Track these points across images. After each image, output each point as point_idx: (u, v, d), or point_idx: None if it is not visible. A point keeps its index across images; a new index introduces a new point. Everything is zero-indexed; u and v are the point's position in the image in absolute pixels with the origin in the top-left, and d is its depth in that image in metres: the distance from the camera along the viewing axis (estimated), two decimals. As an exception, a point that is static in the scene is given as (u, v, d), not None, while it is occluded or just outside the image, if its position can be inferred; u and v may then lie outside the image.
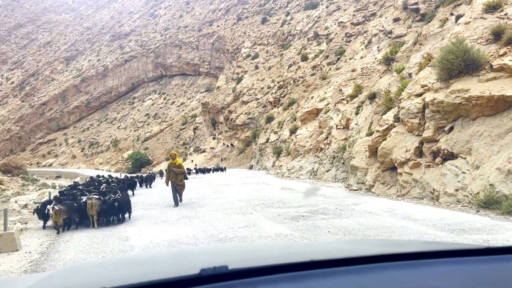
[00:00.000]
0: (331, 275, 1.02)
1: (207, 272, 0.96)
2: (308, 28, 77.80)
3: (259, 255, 1.28)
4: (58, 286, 1.10)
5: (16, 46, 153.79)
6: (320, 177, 21.89)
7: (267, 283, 0.96)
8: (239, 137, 60.60)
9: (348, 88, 27.19)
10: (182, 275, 0.97)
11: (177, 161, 13.25)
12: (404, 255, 1.20)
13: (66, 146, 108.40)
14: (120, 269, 1.20)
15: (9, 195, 33.19)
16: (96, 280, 1.04)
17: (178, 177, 12.91)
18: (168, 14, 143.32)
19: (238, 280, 0.97)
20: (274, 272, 1.01)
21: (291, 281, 0.97)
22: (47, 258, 6.61)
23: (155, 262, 1.23)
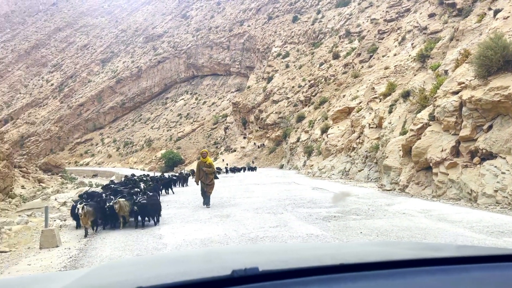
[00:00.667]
0: (361, 279, 1.00)
1: (238, 273, 0.97)
2: (339, 25, 76.84)
3: (290, 256, 1.28)
4: (95, 284, 1.13)
5: (55, 49, 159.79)
6: (352, 177, 21.58)
7: (297, 285, 0.96)
8: (270, 137, 60.58)
9: (381, 86, 26.67)
10: (214, 276, 0.98)
11: (208, 160, 12.63)
12: (437, 260, 1.17)
13: (102, 146, 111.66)
14: (154, 268, 1.23)
15: (49, 193, 34.56)
16: (132, 279, 1.06)
17: (208, 177, 12.33)
18: (199, 15, 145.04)
19: (269, 282, 0.97)
20: (305, 275, 1.00)
21: (321, 284, 0.96)
22: (85, 255, 6.85)
23: (187, 261, 1.26)
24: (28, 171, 47.12)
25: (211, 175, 12.42)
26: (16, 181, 37.27)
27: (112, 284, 1.05)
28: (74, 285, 1.15)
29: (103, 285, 1.08)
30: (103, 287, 1.05)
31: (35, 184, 41.57)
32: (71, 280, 1.19)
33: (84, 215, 8.77)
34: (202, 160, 12.57)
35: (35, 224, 14.13)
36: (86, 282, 1.16)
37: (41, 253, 7.43)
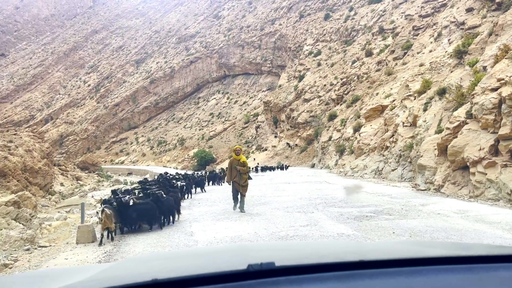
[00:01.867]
0: (381, 276, 0.99)
1: (254, 267, 0.97)
2: (372, 22, 75.46)
3: (309, 252, 1.27)
4: (113, 276, 1.15)
5: (92, 51, 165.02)
6: (385, 176, 21.16)
7: (313, 281, 0.95)
8: (301, 136, 60.26)
9: (416, 83, 26.00)
10: (229, 270, 0.99)
11: (241, 158, 11.19)
12: (463, 258, 1.13)
13: (137, 145, 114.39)
14: (174, 262, 1.25)
15: (86, 190, 35.74)
16: (150, 272, 1.07)
17: (242, 177, 10.93)
18: (231, 14, 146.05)
19: (284, 276, 0.97)
20: (322, 271, 1.00)
21: (339, 280, 0.96)
22: (119, 250, 7.05)
23: (207, 256, 1.28)
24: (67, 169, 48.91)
25: (245, 175, 11.07)
26: (55, 179, 38.78)
27: (129, 276, 1.06)
28: (95, 277, 1.16)
29: (121, 277, 1.10)
30: (120, 278, 1.06)
31: (73, 182, 43.13)
32: (95, 273, 1.22)
33: (106, 218, 7.83)
34: (235, 158, 11.17)
35: (73, 220, 14.67)
36: (106, 274, 1.19)
37: (78, 248, 7.72)
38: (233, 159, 11.27)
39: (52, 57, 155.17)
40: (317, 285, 0.94)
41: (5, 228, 14.93)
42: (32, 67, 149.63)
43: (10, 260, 8.91)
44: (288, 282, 0.95)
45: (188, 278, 0.96)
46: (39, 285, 1.14)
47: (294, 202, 12.38)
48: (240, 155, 11.29)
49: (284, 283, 0.94)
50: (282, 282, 0.95)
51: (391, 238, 6.72)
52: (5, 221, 16.54)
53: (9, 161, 27.98)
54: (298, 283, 0.95)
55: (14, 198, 21.02)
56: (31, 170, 30.76)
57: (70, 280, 1.13)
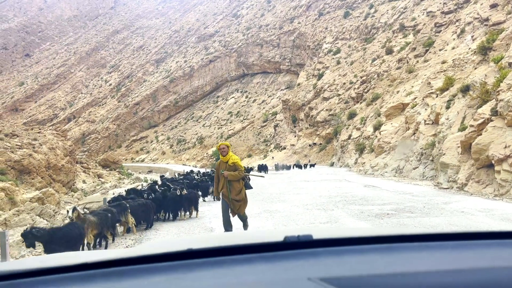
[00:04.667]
0: (423, 249, 0.98)
1: (291, 239, 0.96)
2: (393, 20, 74.39)
3: (343, 230, 1.26)
4: (146, 249, 1.15)
5: (113, 51, 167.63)
6: (406, 174, 20.84)
7: (352, 253, 0.94)
8: (320, 134, 59.90)
9: (438, 81, 25.51)
10: (265, 241, 0.98)
11: (230, 159, 7.30)
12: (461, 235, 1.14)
13: (157, 143, 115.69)
14: (208, 239, 1.26)
15: (107, 187, 36.33)
16: (184, 244, 1.06)
17: (234, 187, 7.26)
18: (250, 13, 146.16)
19: (323, 248, 0.95)
20: (359, 244, 0.99)
21: (380, 253, 0.94)
22: (140, 245, 7.13)
23: (241, 235, 1.27)
24: (89, 166, 49.82)
25: (237, 183, 7.28)
26: (78, 176, 39.56)
27: (164, 248, 1.06)
28: (129, 251, 1.18)
29: (156, 248, 1.10)
30: (155, 249, 1.06)
31: (95, 179, 43.89)
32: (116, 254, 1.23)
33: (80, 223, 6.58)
34: (222, 160, 7.40)
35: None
36: (141, 248, 1.21)
37: (100, 242, 7.84)
38: (219, 162, 7.53)
39: (75, 57, 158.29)
40: (357, 256, 0.93)
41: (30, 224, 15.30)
42: (55, 67, 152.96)
43: (34, 255, 9.13)
44: (327, 253, 0.94)
45: (223, 248, 0.95)
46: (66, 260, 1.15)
47: (314, 199, 12.31)
48: (229, 155, 7.36)
49: (323, 254, 0.93)
50: (320, 253, 0.93)
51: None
52: (30, 216, 16.95)
53: (34, 158, 28.66)
54: (338, 254, 0.93)
55: (38, 194, 21.53)
56: (54, 167, 31.44)
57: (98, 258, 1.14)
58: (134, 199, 9.23)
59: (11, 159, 26.73)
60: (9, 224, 16.05)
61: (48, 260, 1.25)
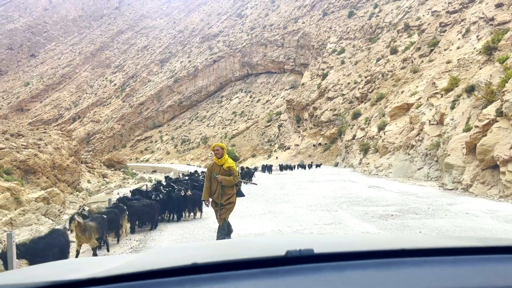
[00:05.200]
0: (421, 264, 0.97)
1: (293, 253, 0.97)
2: (398, 19, 74.17)
3: (345, 242, 1.26)
4: (153, 261, 1.15)
5: (118, 51, 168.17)
6: (411, 175, 20.78)
7: (354, 268, 0.94)
8: (324, 134, 59.82)
9: (443, 81, 25.41)
10: (268, 255, 0.98)
11: (226, 163, 6.75)
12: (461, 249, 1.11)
13: (161, 143, 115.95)
14: (212, 250, 1.26)
15: (112, 187, 36.46)
16: (189, 257, 1.08)
17: (226, 193, 6.69)
18: (254, 13, 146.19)
19: (325, 263, 0.96)
20: (361, 258, 0.99)
21: (379, 268, 0.94)
22: (145, 246, 7.17)
23: (244, 246, 1.28)
24: (94, 166, 50.01)
25: (230, 189, 6.77)
26: (83, 176, 39.73)
27: (169, 261, 1.06)
28: (135, 262, 1.18)
29: (161, 261, 1.10)
30: (160, 262, 1.07)
31: (99, 179, 44.06)
32: (125, 262, 1.23)
33: (80, 231, 6.28)
34: (216, 163, 6.78)
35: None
36: (146, 259, 1.19)
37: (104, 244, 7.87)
38: (213, 164, 6.87)
39: (80, 57, 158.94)
40: (359, 272, 0.92)
41: (35, 223, 15.42)
42: (60, 67, 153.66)
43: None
44: (329, 268, 0.93)
45: (227, 262, 0.96)
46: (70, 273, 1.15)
47: (318, 200, 12.30)
48: (224, 158, 6.77)
49: (325, 269, 0.93)
50: (323, 268, 0.93)
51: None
52: (35, 216, 17.06)
53: (39, 158, 28.82)
54: (340, 270, 0.93)
55: (43, 194, 21.65)
56: (59, 167, 31.60)
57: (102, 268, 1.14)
58: (139, 199, 9.26)
59: (16, 159, 26.91)
60: (15, 223, 16.17)
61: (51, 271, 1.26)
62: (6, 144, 27.99)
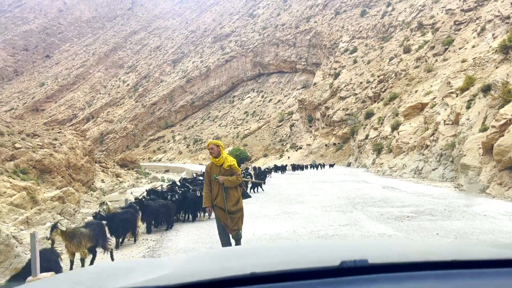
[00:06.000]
0: (482, 276, 0.96)
1: (348, 264, 0.97)
2: (411, 18, 73.46)
3: (397, 251, 1.25)
4: (206, 269, 1.13)
5: (131, 51, 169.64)
6: (426, 176, 20.57)
7: (412, 279, 0.93)
8: (336, 134, 59.53)
9: (458, 80, 25.10)
10: (323, 266, 0.98)
11: (226, 161, 5.88)
12: None
13: (174, 143, 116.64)
14: (267, 256, 1.24)
15: (125, 187, 36.80)
16: (243, 265, 1.08)
17: (231, 196, 5.86)
18: (266, 13, 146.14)
19: (380, 274, 0.95)
20: (416, 269, 0.97)
21: (439, 279, 0.93)
22: (161, 246, 7.23)
23: (295, 253, 1.27)
24: (107, 166, 50.55)
25: (234, 191, 5.92)
26: (97, 175, 40.18)
27: (226, 269, 1.05)
28: (183, 269, 1.17)
29: (216, 269, 1.09)
30: (217, 270, 1.06)
31: (113, 178, 44.51)
32: (178, 264, 1.23)
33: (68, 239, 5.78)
34: (214, 163, 5.93)
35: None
36: (197, 265, 1.19)
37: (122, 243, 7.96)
38: (211, 164, 6.02)
39: (93, 58, 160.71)
40: (416, 283, 0.91)
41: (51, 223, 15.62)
42: (74, 68, 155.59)
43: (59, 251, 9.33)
44: (385, 279, 0.93)
45: (284, 272, 0.96)
46: (119, 278, 1.14)
47: (332, 201, 12.26)
48: (222, 156, 5.88)
49: (381, 281, 0.92)
50: (378, 279, 0.93)
51: (435, 240, 6.53)
52: (51, 215, 17.30)
53: (54, 158, 29.23)
54: (396, 281, 0.92)
55: (59, 193, 21.94)
56: (74, 166, 32.01)
57: (152, 273, 1.12)
58: (154, 200, 9.35)
59: (32, 159, 27.33)
60: (31, 222, 16.42)
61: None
62: (23, 144, 28.46)
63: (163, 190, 12.08)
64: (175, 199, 9.54)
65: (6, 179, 21.98)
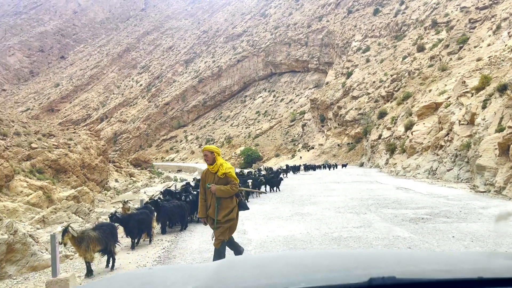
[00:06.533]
0: None
1: (377, 281, 0.99)
2: (425, 16, 72.67)
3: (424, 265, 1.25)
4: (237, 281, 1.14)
5: (144, 52, 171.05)
6: (440, 176, 20.34)
7: None
8: (349, 134, 59.20)
9: (473, 79, 24.76)
10: (352, 283, 1.01)
11: (220, 168, 5.38)
12: None
13: (186, 142, 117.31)
14: (296, 267, 1.25)
15: (139, 186, 37.12)
16: (278, 280, 1.09)
17: (224, 207, 5.37)
18: (278, 12, 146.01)
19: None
20: (443, 286, 1.00)
21: None
22: (176, 246, 7.29)
23: (322, 264, 1.28)
24: (121, 165, 51.05)
25: (229, 202, 5.43)
26: (111, 175, 40.63)
27: (256, 280, 1.08)
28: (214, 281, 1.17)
29: (248, 286, 1.10)
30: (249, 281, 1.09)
31: (127, 178, 44.95)
32: (206, 277, 1.22)
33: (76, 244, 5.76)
34: (210, 170, 5.49)
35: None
36: (226, 280, 1.17)
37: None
38: (206, 171, 5.58)
39: (107, 58, 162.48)
40: None
41: (66, 221, 15.88)
42: (88, 69, 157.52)
43: (71, 251, 9.47)
44: None
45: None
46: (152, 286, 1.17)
47: (345, 202, 12.21)
48: (217, 163, 5.40)
49: None
50: None
51: (451, 243, 6.47)
52: (66, 214, 17.56)
53: (69, 157, 29.63)
54: None
55: (74, 193, 22.26)
56: (88, 166, 32.41)
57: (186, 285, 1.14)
58: (169, 200, 9.44)
59: (48, 159, 27.76)
60: (47, 221, 16.70)
61: None
62: (39, 144, 28.93)
63: (177, 190, 12.16)
64: (189, 199, 9.61)
65: (23, 179, 22.37)
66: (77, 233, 5.61)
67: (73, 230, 5.61)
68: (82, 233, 5.83)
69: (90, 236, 5.84)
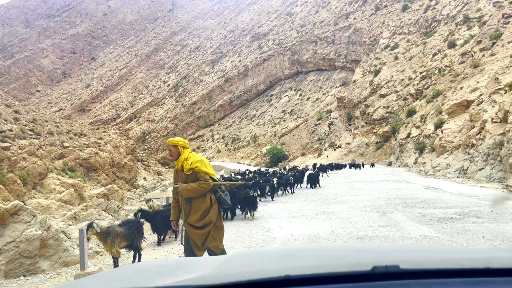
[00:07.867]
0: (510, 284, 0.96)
1: (380, 269, 0.98)
2: (456, 11, 70.63)
3: (428, 256, 1.24)
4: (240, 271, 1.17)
5: (171, 52, 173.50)
6: (471, 176, 19.76)
7: (441, 286, 0.94)
8: (377, 132, 58.23)
9: (507, 76, 23.91)
10: (355, 270, 1.01)
11: (185, 163, 4.58)
12: None
13: (212, 142, 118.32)
14: (302, 259, 1.27)
15: (166, 184, 37.69)
16: (277, 267, 1.10)
17: (195, 208, 4.56)
18: (304, 11, 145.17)
19: (412, 280, 0.97)
20: (446, 276, 0.99)
21: (468, 287, 0.94)
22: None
23: (329, 255, 1.29)
24: (149, 164, 51.99)
25: (201, 202, 4.60)
26: (139, 173, 41.45)
27: (260, 271, 1.08)
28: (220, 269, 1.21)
29: (253, 271, 1.11)
30: (253, 272, 1.09)
31: (154, 176, 45.76)
32: (217, 264, 1.28)
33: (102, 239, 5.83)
34: (179, 168, 4.71)
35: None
36: (234, 266, 1.23)
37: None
38: (176, 170, 4.83)
39: (136, 59, 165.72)
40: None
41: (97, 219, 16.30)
42: (118, 69, 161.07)
43: (101, 248, 9.73)
44: (417, 285, 0.95)
45: (317, 276, 1.00)
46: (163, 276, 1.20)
47: (372, 201, 12.04)
48: (181, 158, 4.62)
49: (412, 286, 0.94)
50: (410, 285, 0.94)
51: (481, 243, 6.29)
52: (96, 211, 18.05)
53: (100, 156, 30.42)
54: (427, 287, 0.94)
55: (104, 190, 22.83)
56: (118, 165, 33.18)
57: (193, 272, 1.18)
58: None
59: (79, 157, 28.58)
60: (78, 218, 17.21)
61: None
62: (70, 143, 29.82)
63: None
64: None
65: (55, 177, 23.12)
66: (101, 229, 5.65)
67: (97, 225, 5.63)
68: (107, 229, 5.90)
69: (116, 231, 5.90)
